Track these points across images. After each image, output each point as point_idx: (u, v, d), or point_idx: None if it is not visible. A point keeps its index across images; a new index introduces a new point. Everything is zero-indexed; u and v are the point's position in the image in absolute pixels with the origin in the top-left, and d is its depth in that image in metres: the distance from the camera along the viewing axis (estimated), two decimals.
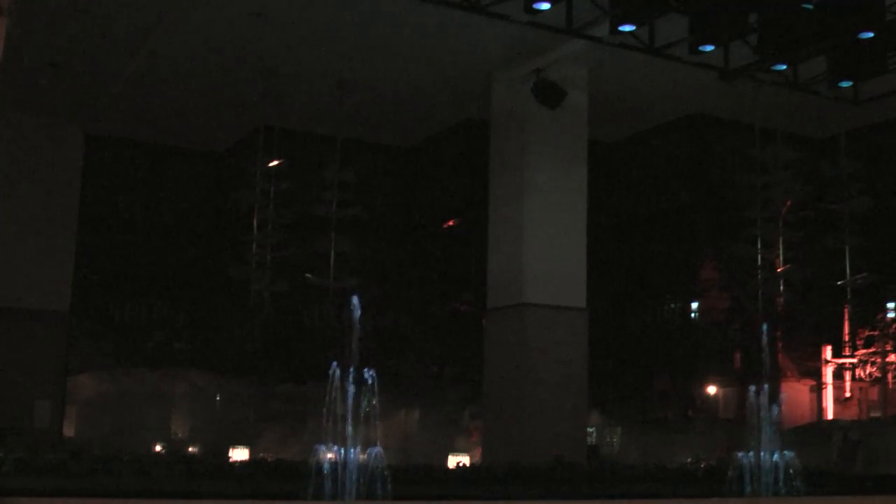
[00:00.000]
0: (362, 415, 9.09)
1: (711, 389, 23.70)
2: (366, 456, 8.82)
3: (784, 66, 14.89)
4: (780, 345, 22.99)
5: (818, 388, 23.36)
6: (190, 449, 20.24)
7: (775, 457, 11.34)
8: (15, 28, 8.71)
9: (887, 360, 22.06)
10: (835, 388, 23.19)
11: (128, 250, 25.14)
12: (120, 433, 21.11)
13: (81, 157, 21.61)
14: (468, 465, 16.28)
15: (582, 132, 18.45)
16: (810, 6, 12.98)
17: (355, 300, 9.48)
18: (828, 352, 23.29)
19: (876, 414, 22.38)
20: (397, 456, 20.25)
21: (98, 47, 17.67)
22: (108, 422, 21.89)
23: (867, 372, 22.59)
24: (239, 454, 17.35)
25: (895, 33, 13.55)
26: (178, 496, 8.95)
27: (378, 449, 8.78)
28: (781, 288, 21.05)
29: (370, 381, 8.98)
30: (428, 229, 25.00)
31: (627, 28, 13.26)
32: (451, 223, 24.24)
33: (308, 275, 21.35)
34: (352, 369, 9.10)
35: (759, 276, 21.28)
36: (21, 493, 8.35)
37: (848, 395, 22.97)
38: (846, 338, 22.84)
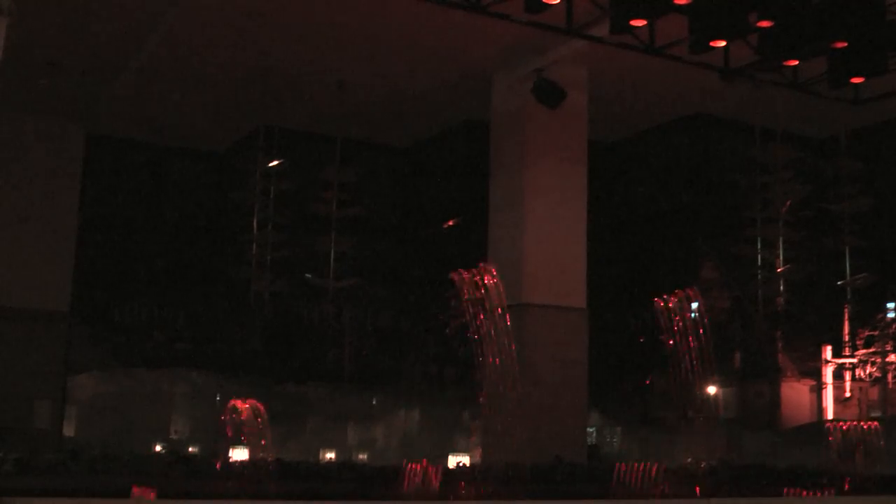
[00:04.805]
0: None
1: (711, 389, 23.69)
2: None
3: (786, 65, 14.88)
4: (780, 345, 22.99)
5: (818, 388, 23.35)
6: (190, 449, 20.23)
7: None
8: (15, 28, 8.71)
9: (887, 360, 22.05)
10: (835, 388, 23.17)
11: (128, 250, 25.13)
12: (120, 433, 21.10)
13: (81, 157, 21.61)
14: (468, 464, 16.29)
15: (582, 132, 18.45)
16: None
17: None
18: (828, 352, 23.27)
19: (876, 414, 22.38)
20: (397, 456, 20.27)
21: (98, 47, 17.68)
22: (108, 422, 21.88)
23: (867, 372, 22.58)
24: (239, 454, 17.34)
25: (895, 33, 13.53)
26: (178, 496, 8.94)
27: None
28: (781, 288, 21.06)
29: None
30: (428, 229, 25.00)
31: (637, 24, 13.22)
32: (451, 223, 24.24)
33: (308, 275, 21.37)
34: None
35: (759, 276, 21.29)
36: (21, 493, 8.35)
37: (848, 395, 22.96)
38: (846, 338, 22.83)
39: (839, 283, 22.03)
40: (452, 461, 17.14)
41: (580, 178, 18.34)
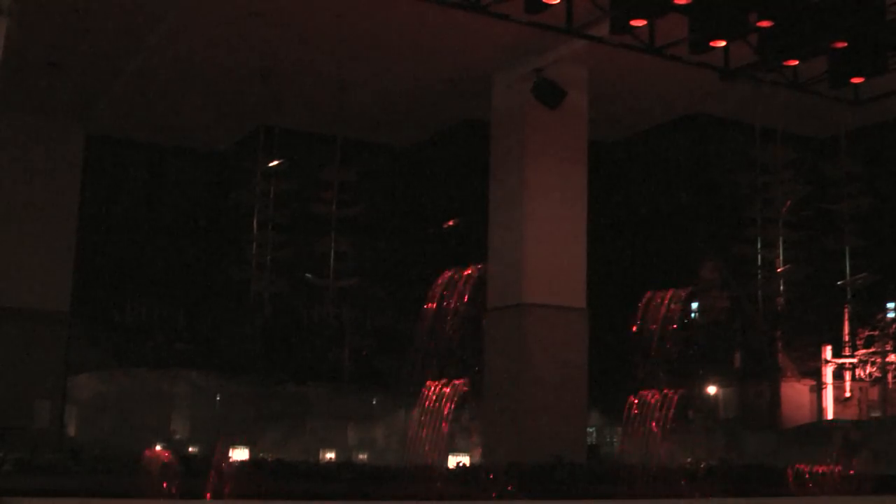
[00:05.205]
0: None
1: (711, 389, 23.70)
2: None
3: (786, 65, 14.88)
4: (780, 345, 22.99)
5: (818, 388, 23.36)
6: (190, 449, 20.24)
7: None
8: (15, 28, 8.71)
9: (887, 360, 22.06)
10: (835, 388, 23.18)
11: (128, 250, 25.14)
12: (120, 433, 21.10)
13: (81, 157, 21.61)
14: (468, 464, 16.28)
15: (582, 132, 18.45)
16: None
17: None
18: (828, 352, 23.28)
19: (876, 414, 22.38)
20: (397, 455, 20.27)
21: (98, 47, 17.67)
22: (108, 422, 21.89)
23: (867, 372, 22.59)
24: (239, 454, 17.36)
25: (895, 33, 13.54)
26: (178, 496, 8.94)
27: None
28: (781, 288, 21.06)
29: None
30: (428, 229, 25.00)
31: (637, 24, 13.23)
32: (451, 223, 24.23)
33: (308, 275, 21.36)
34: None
35: (759, 276, 21.29)
36: (21, 493, 8.34)
37: (848, 395, 22.97)
38: (846, 338, 22.84)
39: (839, 283, 22.03)
40: (452, 461, 17.13)
41: (580, 178, 18.34)
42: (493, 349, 18.09)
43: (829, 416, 22.89)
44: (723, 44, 13.84)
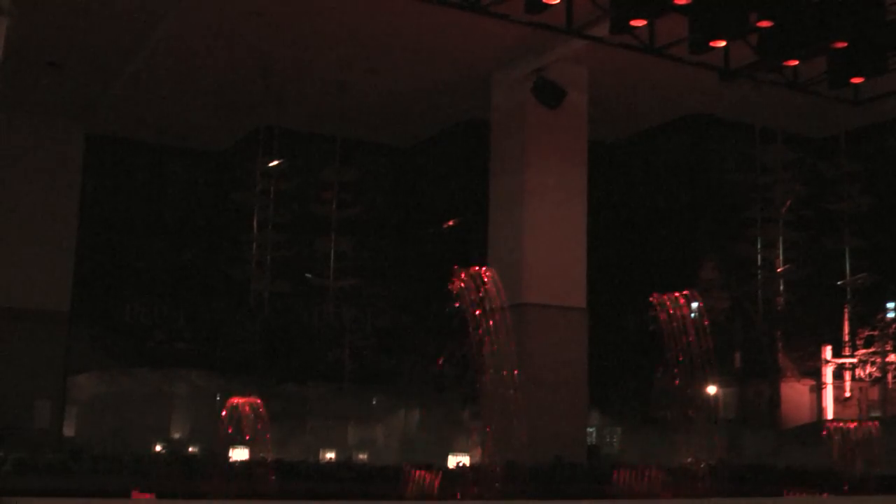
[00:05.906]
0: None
1: (711, 389, 23.66)
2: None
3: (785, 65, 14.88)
4: (780, 345, 22.98)
5: (818, 388, 23.34)
6: (190, 449, 20.22)
7: None
8: (15, 28, 8.71)
9: (887, 360, 22.04)
10: (835, 388, 23.17)
11: (128, 250, 25.13)
12: (120, 433, 21.10)
13: (81, 157, 21.61)
14: (468, 464, 16.27)
15: (582, 132, 18.45)
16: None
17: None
18: (828, 352, 23.26)
19: (876, 414, 22.36)
20: (398, 456, 20.27)
21: (98, 47, 17.68)
22: (108, 422, 21.87)
23: (867, 372, 22.57)
24: (239, 454, 17.33)
25: (895, 33, 13.54)
26: (178, 496, 8.94)
27: None
28: (781, 288, 21.06)
29: None
30: (428, 229, 24.99)
31: (637, 24, 13.24)
32: (451, 223, 24.23)
33: (308, 275, 21.38)
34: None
35: (759, 276, 21.30)
36: (21, 493, 8.35)
37: (848, 395, 22.95)
38: (846, 338, 22.83)
39: (839, 283, 22.03)
40: (452, 461, 17.12)
41: (580, 178, 18.35)
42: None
43: (829, 416, 22.87)
44: (723, 44, 13.84)
